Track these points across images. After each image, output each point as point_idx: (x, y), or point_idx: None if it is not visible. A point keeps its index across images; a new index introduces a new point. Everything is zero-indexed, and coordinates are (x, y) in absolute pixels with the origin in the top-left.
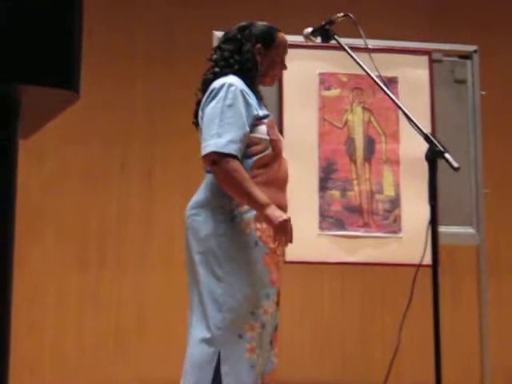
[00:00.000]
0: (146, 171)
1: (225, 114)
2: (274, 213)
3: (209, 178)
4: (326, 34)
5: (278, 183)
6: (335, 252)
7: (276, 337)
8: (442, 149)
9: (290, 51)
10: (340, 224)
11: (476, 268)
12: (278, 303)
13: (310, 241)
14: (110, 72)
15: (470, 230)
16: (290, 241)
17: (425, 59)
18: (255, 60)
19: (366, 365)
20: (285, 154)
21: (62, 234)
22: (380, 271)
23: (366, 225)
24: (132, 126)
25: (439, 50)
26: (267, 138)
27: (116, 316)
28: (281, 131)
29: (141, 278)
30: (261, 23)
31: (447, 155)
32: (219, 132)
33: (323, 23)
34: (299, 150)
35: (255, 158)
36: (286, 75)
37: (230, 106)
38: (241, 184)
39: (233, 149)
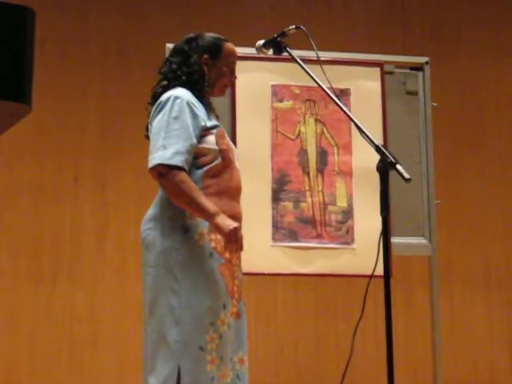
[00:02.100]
0: (99, 184)
1: (170, 127)
2: (224, 221)
3: (162, 190)
4: (278, 46)
5: (231, 193)
6: (288, 263)
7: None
8: (393, 160)
9: (242, 63)
10: (293, 235)
11: (428, 278)
12: (238, 314)
13: (264, 252)
14: (63, 84)
15: (423, 241)
16: (241, 248)
17: (377, 71)
18: (202, 71)
19: (319, 375)
20: (237, 164)
21: (15, 247)
22: (333, 282)
23: (319, 236)
24: (84, 138)
25: (391, 62)
26: (216, 148)
27: (70, 328)
28: (234, 143)
29: (94, 290)
30: (208, 34)
31: (398, 166)
32: (165, 144)
33: (275, 35)
34: (252, 161)
35: (205, 168)
36: (239, 87)
37: (176, 118)
38: (188, 195)
39: (179, 160)
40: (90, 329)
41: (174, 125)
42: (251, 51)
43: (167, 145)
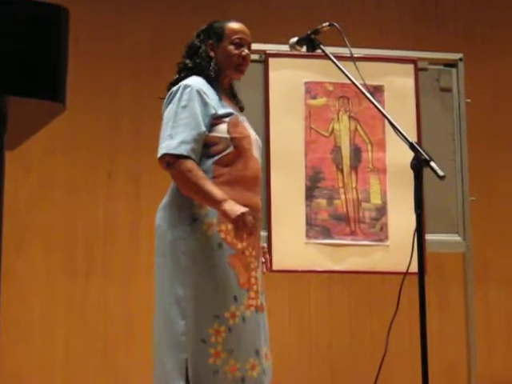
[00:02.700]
0: (132, 180)
1: (178, 116)
2: (232, 207)
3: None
4: (311, 44)
5: (244, 182)
6: (322, 260)
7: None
8: (427, 157)
9: (276, 60)
10: (327, 232)
11: (462, 275)
12: (259, 307)
13: (297, 249)
14: (97, 80)
15: (457, 238)
16: (250, 233)
17: (410, 67)
18: (209, 56)
19: (353, 372)
20: (257, 153)
21: (49, 243)
22: (367, 279)
23: (352, 233)
24: (118, 134)
25: (425, 59)
26: (227, 136)
27: (104, 324)
28: (267, 140)
29: (128, 286)
30: (215, 22)
31: (432, 163)
32: (172, 133)
33: (308, 32)
34: (286, 158)
35: (216, 157)
36: (272, 84)
37: (185, 106)
38: (196, 183)
39: (185, 149)
40: (124, 325)
41: (182, 114)
42: (285, 48)
43: (174, 134)
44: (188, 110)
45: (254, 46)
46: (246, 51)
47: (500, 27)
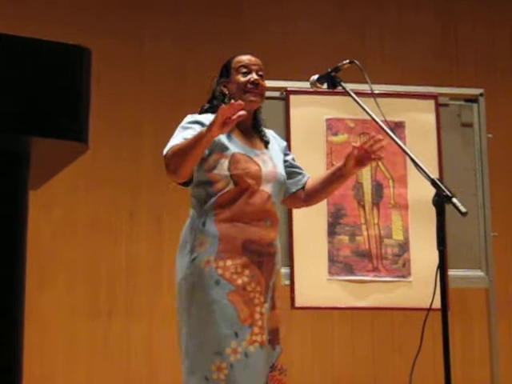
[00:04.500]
0: (155, 218)
1: (175, 134)
2: (209, 124)
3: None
4: (332, 81)
5: (246, 218)
6: (345, 297)
7: (274, 377)
8: (449, 194)
9: (297, 97)
10: (349, 269)
11: (486, 311)
12: (271, 341)
13: (320, 286)
14: (118, 117)
15: (480, 273)
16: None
17: (431, 103)
18: (223, 93)
19: None
20: (267, 186)
21: (72, 281)
22: (390, 316)
23: (375, 269)
24: (140, 172)
25: (445, 94)
26: (227, 173)
27: (126, 364)
28: None
29: (151, 325)
30: (226, 60)
31: (455, 200)
32: (167, 146)
33: (329, 70)
34: None
35: (217, 195)
36: (293, 121)
37: (182, 126)
38: (180, 148)
39: (169, 146)
40: (146, 365)
41: (178, 131)
42: (305, 85)
43: (168, 145)
44: (183, 127)
45: (275, 84)
46: (255, 76)
47: None
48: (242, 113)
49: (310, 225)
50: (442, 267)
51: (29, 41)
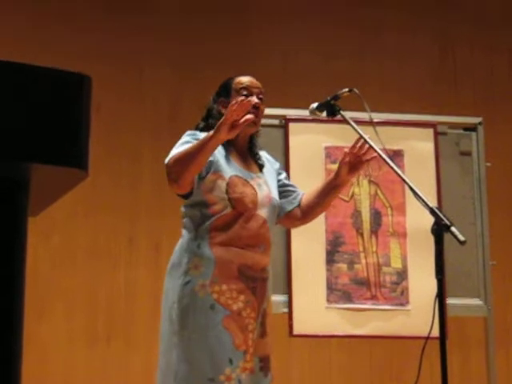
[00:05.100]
0: (153, 244)
1: (176, 145)
2: (218, 125)
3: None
4: (331, 109)
5: (242, 242)
6: (343, 325)
7: None
8: (447, 222)
9: (296, 125)
10: (347, 297)
11: (484, 340)
12: (263, 369)
13: (318, 314)
14: (118, 144)
15: (478, 302)
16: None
17: (430, 132)
18: (220, 113)
19: None
20: (263, 211)
21: (71, 308)
22: (388, 344)
23: (373, 297)
24: (139, 198)
25: (444, 123)
26: (225, 196)
27: None
28: None
29: (150, 353)
30: (226, 80)
31: (453, 229)
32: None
33: (328, 98)
34: None
35: (214, 218)
36: (292, 149)
37: (183, 141)
38: (185, 156)
39: (172, 154)
40: None
41: (178, 144)
42: (304, 113)
43: (169, 154)
44: (186, 141)
45: (274, 112)
46: (256, 100)
47: None
48: (249, 116)
49: (308, 252)
50: (441, 296)
51: (28, 67)
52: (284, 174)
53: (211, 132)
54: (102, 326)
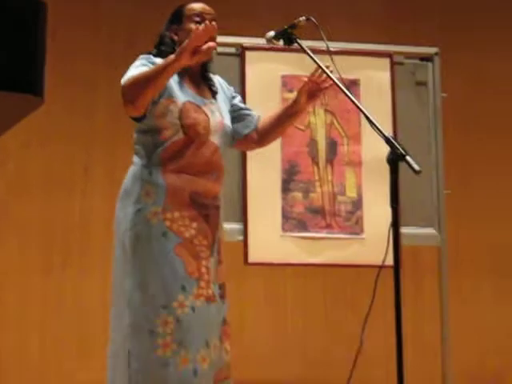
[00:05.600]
0: (109, 173)
1: (131, 67)
2: (179, 50)
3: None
4: (288, 38)
5: (194, 169)
6: (298, 253)
7: (226, 331)
8: (403, 152)
9: (253, 53)
10: (303, 225)
11: (437, 268)
12: (222, 296)
13: (273, 242)
14: (73, 73)
15: (432, 231)
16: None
17: (386, 61)
18: (173, 40)
19: (329, 365)
20: (216, 138)
21: (25, 236)
22: (343, 272)
23: (328, 226)
24: (95, 128)
25: (400, 53)
26: (177, 122)
27: (79, 318)
28: None
29: (105, 279)
30: (177, 7)
31: (408, 158)
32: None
33: (285, 27)
34: (262, 151)
35: (165, 145)
36: (249, 77)
37: (138, 64)
38: (143, 78)
39: (129, 75)
40: (100, 318)
41: (132, 66)
42: (261, 42)
43: (126, 75)
44: (142, 64)
45: (231, 40)
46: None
47: (476, 20)
48: (212, 44)
49: (264, 181)
50: (395, 225)
51: None
52: (238, 97)
53: (172, 56)
54: (57, 254)
